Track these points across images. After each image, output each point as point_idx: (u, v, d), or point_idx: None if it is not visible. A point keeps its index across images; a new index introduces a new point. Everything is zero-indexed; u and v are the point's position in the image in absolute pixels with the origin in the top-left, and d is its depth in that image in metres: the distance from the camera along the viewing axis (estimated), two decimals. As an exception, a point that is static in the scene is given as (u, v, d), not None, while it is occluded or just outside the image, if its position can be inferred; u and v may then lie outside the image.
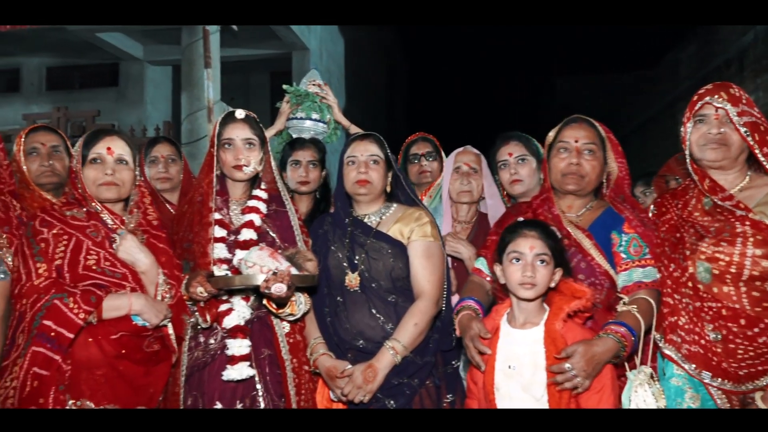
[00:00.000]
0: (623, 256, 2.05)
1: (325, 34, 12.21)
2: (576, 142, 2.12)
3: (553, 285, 1.92)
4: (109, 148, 2.00)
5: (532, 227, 1.94)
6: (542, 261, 1.89)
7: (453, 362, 2.25)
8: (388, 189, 2.29)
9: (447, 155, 2.83)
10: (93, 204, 2.01)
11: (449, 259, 2.46)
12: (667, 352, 1.99)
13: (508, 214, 2.37)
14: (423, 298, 2.12)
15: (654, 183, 3.35)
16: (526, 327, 1.92)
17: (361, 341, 2.12)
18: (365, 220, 2.26)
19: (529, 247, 1.89)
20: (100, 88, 11.90)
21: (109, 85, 11.92)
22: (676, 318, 1.98)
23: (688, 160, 2.02)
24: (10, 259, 1.94)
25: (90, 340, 1.85)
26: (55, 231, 1.93)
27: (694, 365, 1.93)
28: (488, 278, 2.23)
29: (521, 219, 2.03)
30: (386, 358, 2.03)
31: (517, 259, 1.90)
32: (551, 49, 19.30)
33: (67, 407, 1.80)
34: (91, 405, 1.84)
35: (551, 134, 2.21)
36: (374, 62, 16.27)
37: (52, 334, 1.78)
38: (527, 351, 1.87)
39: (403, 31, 18.38)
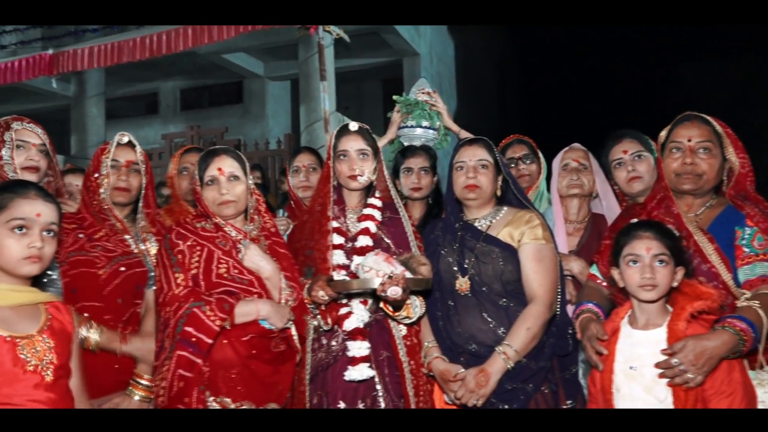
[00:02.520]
0: (746, 249, 1.92)
1: (435, 38, 12.26)
2: (689, 141, 2.02)
3: (675, 285, 1.84)
4: (220, 169, 2.11)
5: (647, 228, 1.87)
6: (661, 261, 1.82)
7: (571, 368, 2.20)
8: (498, 193, 2.28)
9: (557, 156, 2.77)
10: (216, 219, 2.13)
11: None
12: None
13: (621, 217, 2.29)
14: (535, 302, 2.09)
15: None
16: (648, 328, 1.85)
17: (473, 345, 2.11)
18: (475, 224, 2.26)
19: (645, 248, 1.83)
20: (226, 105, 12.62)
21: (234, 102, 12.61)
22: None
23: None
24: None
25: (225, 342, 1.98)
26: (189, 243, 2.07)
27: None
28: (603, 283, 2.17)
29: (635, 221, 1.96)
30: (498, 363, 2.02)
31: (634, 261, 1.84)
32: (673, 34, 17.95)
33: (208, 405, 1.94)
34: (228, 401, 1.97)
35: (663, 133, 2.11)
36: (485, 63, 16.07)
37: (193, 339, 1.91)
38: (649, 352, 1.80)
39: (513, 30, 17.93)
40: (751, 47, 15.13)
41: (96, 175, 2.22)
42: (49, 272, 1.97)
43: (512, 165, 2.96)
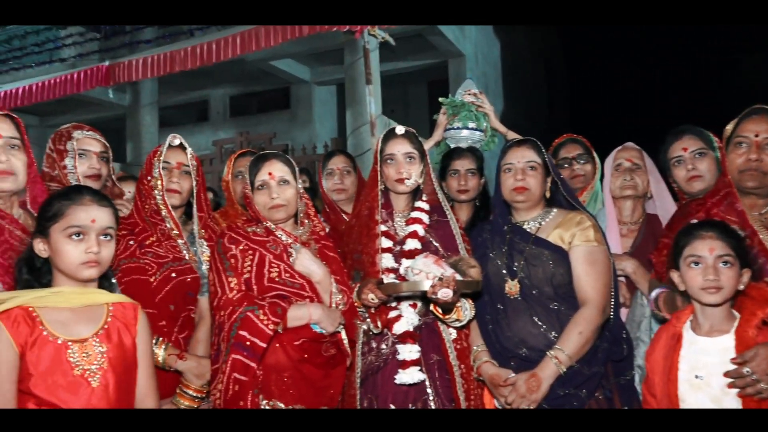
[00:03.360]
0: None
1: (480, 38, 12.16)
2: (756, 136, 1.93)
3: (741, 287, 1.76)
4: (270, 173, 2.13)
5: (710, 228, 1.79)
6: (726, 263, 1.74)
7: (626, 373, 2.14)
8: (548, 194, 2.24)
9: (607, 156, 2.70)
10: (267, 224, 2.15)
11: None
12: None
13: (677, 216, 2.21)
14: (588, 306, 2.04)
15: None
16: (713, 335, 1.77)
17: (523, 349, 2.08)
18: (524, 226, 2.23)
19: (708, 249, 1.76)
20: (274, 111, 12.81)
21: (282, 107, 12.79)
22: None
23: None
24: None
25: (277, 345, 2.00)
26: (241, 247, 2.09)
27: None
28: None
29: (695, 221, 1.89)
30: (550, 368, 1.98)
31: (696, 263, 1.77)
32: (730, 27, 17.19)
33: (262, 407, 1.96)
34: (281, 405, 1.99)
35: (729, 127, 2.02)
36: (532, 62, 15.84)
37: (248, 343, 1.93)
38: (717, 360, 1.72)
39: (560, 27, 17.60)
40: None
41: (149, 178, 2.27)
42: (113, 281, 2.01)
43: (566, 165, 2.89)
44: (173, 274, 2.20)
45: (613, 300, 2.12)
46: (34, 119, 12.62)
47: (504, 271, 2.18)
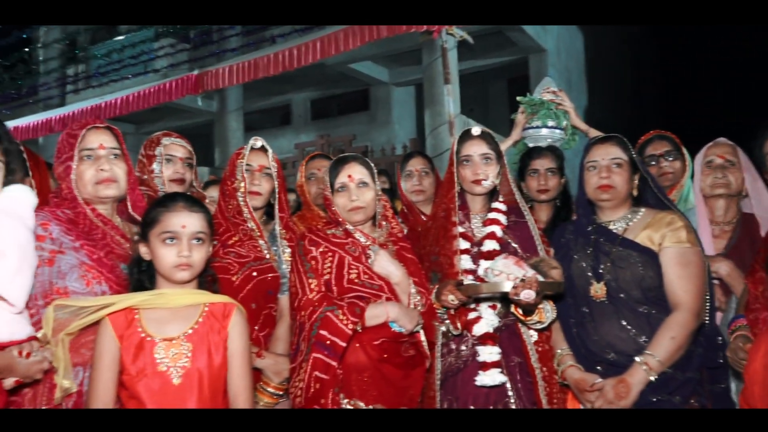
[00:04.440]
0: None
1: (563, 31, 11.81)
2: None
3: None
4: (349, 176, 2.15)
5: None
6: None
7: (721, 382, 2.04)
8: (635, 193, 2.16)
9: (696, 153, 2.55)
10: (346, 226, 2.18)
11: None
12: None
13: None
14: (681, 310, 1.95)
15: None
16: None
17: (611, 354, 2.02)
18: (610, 226, 2.16)
19: None
20: (354, 113, 12.98)
21: (361, 109, 12.93)
22: None
23: None
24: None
25: (357, 345, 2.03)
26: (321, 249, 2.12)
27: None
28: None
29: None
30: (639, 374, 1.91)
31: None
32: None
33: (342, 407, 1.99)
34: (362, 404, 2.01)
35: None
36: (618, 54, 15.20)
37: (328, 342, 1.96)
38: None
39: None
40: None
41: (232, 179, 2.35)
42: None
43: (653, 163, 2.76)
44: (254, 273, 2.28)
45: (708, 304, 2.02)
46: (130, 127, 13.41)
47: (589, 274, 2.12)
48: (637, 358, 1.93)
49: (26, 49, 11.80)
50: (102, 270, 1.82)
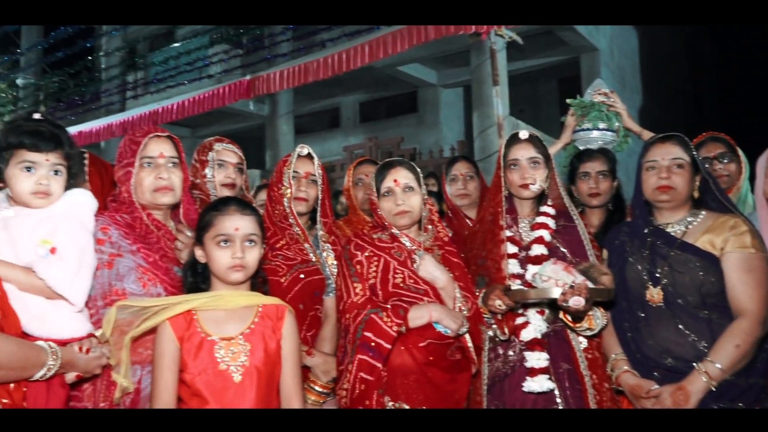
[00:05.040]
0: None
1: (616, 30, 11.54)
2: None
3: None
4: (395, 180, 2.17)
5: None
6: None
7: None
8: (695, 195, 2.09)
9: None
10: (392, 230, 2.20)
11: None
12: None
13: None
14: (745, 317, 1.89)
15: None
16: None
17: (669, 359, 1.96)
18: (668, 229, 2.09)
19: None
20: (402, 115, 13.05)
21: (409, 111, 12.99)
22: None
23: None
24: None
25: (402, 348, 2.04)
26: (366, 253, 2.15)
27: None
28: None
29: None
30: (699, 382, 1.86)
31: None
32: None
33: (387, 408, 2.01)
34: (407, 407, 2.02)
35: None
36: (674, 52, 14.74)
37: (373, 344, 1.99)
38: None
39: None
40: None
41: (279, 185, 2.40)
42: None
43: (706, 165, 2.66)
44: (302, 275, 2.32)
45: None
46: (186, 131, 13.84)
47: (645, 277, 2.07)
48: (697, 366, 1.88)
49: (89, 58, 12.31)
50: (157, 272, 1.88)
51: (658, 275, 2.04)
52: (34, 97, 13.61)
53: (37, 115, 1.72)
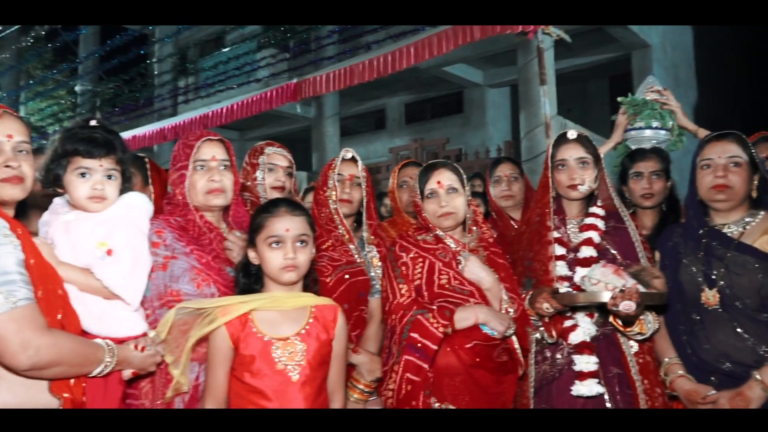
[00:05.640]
0: None
1: (669, 25, 11.19)
2: None
3: None
4: (439, 182, 2.17)
5: None
6: None
7: None
8: (754, 194, 2.03)
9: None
10: (436, 232, 2.20)
11: None
12: None
13: None
14: None
15: None
16: None
17: (726, 364, 1.92)
18: (724, 230, 2.04)
19: None
20: (448, 116, 12.95)
21: (455, 112, 12.88)
22: None
23: None
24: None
25: (448, 349, 2.05)
26: (411, 255, 2.16)
27: None
28: None
29: None
30: (758, 390, 1.80)
31: None
32: None
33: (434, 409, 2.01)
34: (453, 408, 2.02)
35: None
36: (731, 49, 14.17)
37: (419, 345, 2.00)
38: None
39: (768, 5, 15.42)
40: None
41: (324, 188, 2.45)
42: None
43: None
44: (347, 276, 2.35)
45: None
46: (235, 134, 14.12)
47: (700, 279, 2.02)
48: (754, 374, 1.82)
49: (143, 65, 12.73)
50: (210, 273, 1.94)
51: (714, 277, 1.99)
52: (91, 103, 14.14)
53: (92, 122, 1.79)
